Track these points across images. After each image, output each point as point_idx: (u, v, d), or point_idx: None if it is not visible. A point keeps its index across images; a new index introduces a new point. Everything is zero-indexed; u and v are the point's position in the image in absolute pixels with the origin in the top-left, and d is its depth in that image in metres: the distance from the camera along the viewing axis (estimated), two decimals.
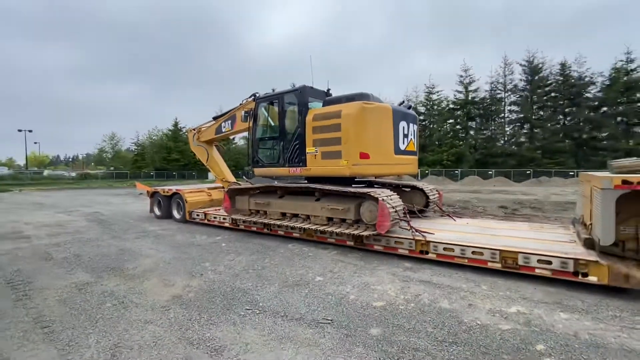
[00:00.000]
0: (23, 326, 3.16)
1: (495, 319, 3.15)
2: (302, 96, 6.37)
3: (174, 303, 3.65)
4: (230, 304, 3.60)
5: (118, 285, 4.21)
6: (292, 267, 4.88)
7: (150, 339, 2.89)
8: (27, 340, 2.91)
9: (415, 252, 5.05)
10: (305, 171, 6.30)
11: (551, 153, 37.39)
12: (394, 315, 3.26)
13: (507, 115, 43.02)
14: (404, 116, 6.22)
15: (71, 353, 2.69)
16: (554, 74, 40.05)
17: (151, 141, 59.06)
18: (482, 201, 13.28)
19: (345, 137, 5.59)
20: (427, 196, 7.07)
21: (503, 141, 42.64)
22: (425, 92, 46.69)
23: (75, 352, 2.70)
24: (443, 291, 3.86)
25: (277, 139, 6.90)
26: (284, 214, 6.62)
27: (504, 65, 42.35)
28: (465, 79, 43.60)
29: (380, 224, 5.04)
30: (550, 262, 3.97)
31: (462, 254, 4.60)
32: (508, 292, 3.81)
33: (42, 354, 2.70)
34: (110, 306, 3.58)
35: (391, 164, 5.99)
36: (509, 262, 4.27)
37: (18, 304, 3.67)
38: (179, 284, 4.24)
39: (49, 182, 37.53)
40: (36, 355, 2.68)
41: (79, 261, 5.36)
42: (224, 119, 8.67)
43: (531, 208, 11.51)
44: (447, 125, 45.49)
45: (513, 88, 42.13)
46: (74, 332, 3.02)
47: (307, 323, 3.14)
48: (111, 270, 4.87)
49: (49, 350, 2.75)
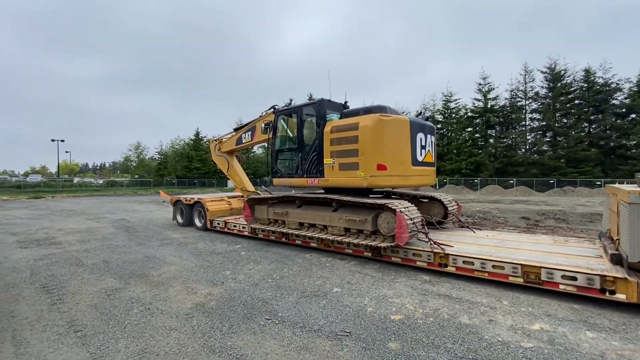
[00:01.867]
0: (58, 329, 3.36)
1: (517, 336, 3.10)
2: (320, 109, 6.50)
3: (197, 311, 3.78)
4: (251, 313, 3.69)
5: (144, 292, 4.39)
6: (310, 278, 4.94)
7: (175, 345, 3.01)
8: (62, 343, 3.09)
9: (433, 265, 5.02)
10: (322, 182, 6.39)
11: (576, 162, 36.02)
12: (413, 330, 3.25)
13: (529, 123, 41.88)
14: (421, 127, 6.24)
15: (102, 357, 2.84)
16: (578, 80, 38.84)
17: (174, 150, 60.85)
18: (503, 212, 12.95)
19: (362, 149, 5.66)
20: (446, 207, 7.00)
21: (524, 149, 41.46)
22: (442, 100, 46.22)
23: (106, 356, 2.84)
24: (463, 306, 3.82)
25: (295, 150, 7.05)
26: (302, 224, 6.71)
27: (525, 72, 41.44)
28: (484, 87, 42.91)
29: (399, 236, 5.05)
30: (576, 278, 3.87)
31: (483, 267, 4.53)
32: (530, 308, 3.73)
33: (75, 357, 2.86)
34: (137, 312, 3.75)
35: (409, 175, 6.00)
36: (531, 277, 4.18)
37: (53, 308, 3.90)
38: (201, 292, 4.38)
39: (79, 189, 39.23)
40: (70, 359, 2.84)
41: (108, 267, 5.61)
42: (244, 131, 8.92)
43: (555, 219, 11.14)
44: (465, 133, 44.70)
45: (534, 95, 41.09)
46: (104, 337, 3.18)
47: (326, 335, 3.18)
48: (137, 276, 5.07)
49: (81, 353, 2.91)
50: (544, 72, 40.29)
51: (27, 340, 3.13)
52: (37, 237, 8.51)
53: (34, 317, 3.64)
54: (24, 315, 3.70)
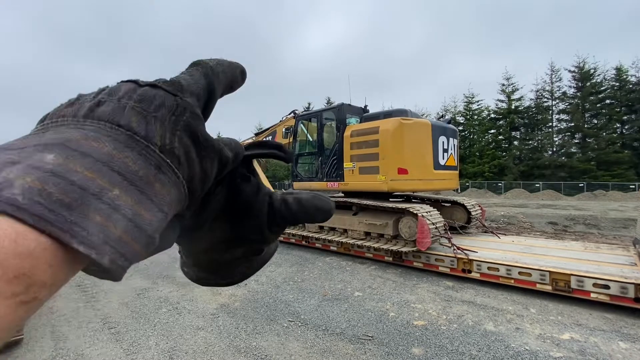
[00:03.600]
0: (93, 326, 3.55)
1: (546, 345, 3.01)
2: (340, 113, 6.56)
3: (222, 311, 3.89)
4: (274, 315, 3.76)
5: (171, 292, 4.56)
6: (331, 281, 4.97)
7: (203, 344, 3.11)
8: (97, 339, 3.26)
9: (457, 271, 4.93)
10: (342, 185, 6.42)
11: (607, 164, 34.28)
12: (436, 336, 3.22)
13: (556, 125, 40.31)
14: (443, 131, 6.17)
15: (135, 353, 2.98)
16: (609, 79, 37.07)
17: None
18: (529, 216, 12.52)
19: (383, 153, 5.66)
20: (469, 212, 6.85)
21: (551, 152, 39.91)
22: (464, 101, 45.27)
23: (138, 353, 2.98)
24: (488, 313, 3.75)
25: (315, 155, 7.13)
26: (322, 227, 6.76)
27: (551, 71, 39.97)
28: (508, 88, 41.71)
29: (421, 241, 5.00)
30: (608, 287, 3.71)
31: (508, 274, 4.42)
32: (560, 317, 3.61)
33: (110, 352, 3.02)
34: (166, 311, 3.90)
35: (430, 179, 5.94)
36: (560, 284, 4.04)
37: (88, 306, 4.11)
38: (225, 293, 4.49)
39: None
40: (105, 354, 3.00)
41: (136, 268, 5.84)
42: (265, 135, 9.09)
43: (585, 225, 10.67)
44: (488, 135, 43.53)
45: (561, 95, 39.53)
46: (136, 334, 3.33)
47: (348, 338, 3.21)
48: (164, 277, 5.27)
49: (116, 349, 3.06)
50: (571, 71, 38.73)
51: (65, 336, 3.33)
52: None
53: (70, 314, 3.86)
54: (62, 311, 3.93)
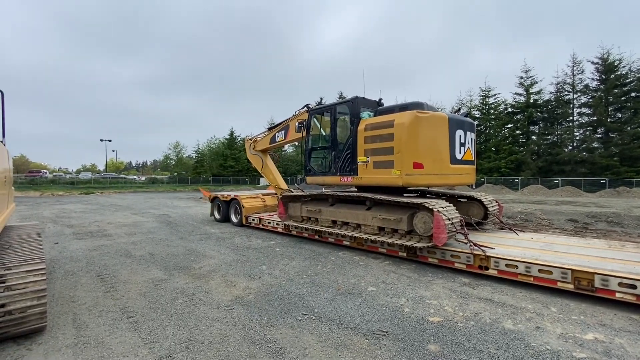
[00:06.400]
0: (112, 315, 3.63)
1: (568, 345, 2.92)
2: (354, 107, 6.47)
3: (237, 303, 3.92)
4: (288, 308, 3.77)
5: (187, 283, 4.63)
6: (344, 276, 4.95)
7: (218, 335, 3.15)
8: (116, 328, 3.34)
9: (473, 267, 4.83)
10: (356, 180, 6.36)
11: (632, 160, 32.92)
12: (452, 332, 3.16)
13: (577, 119, 38.87)
14: (460, 124, 6.01)
15: (153, 342, 3.03)
16: (634, 71, 35.39)
17: (210, 149, 63.19)
18: (548, 213, 12.17)
19: (397, 147, 5.57)
20: (486, 207, 6.70)
21: (571, 147, 38.58)
22: (480, 95, 44.16)
23: (156, 342, 3.04)
24: (506, 311, 3.66)
25: (329, 149, 7.07)
26: (335, 222, 6.73)
27: (573, 64, 38.45)
28: (526, 81, 40.43)
29: (436, 236, 4.91)
30: (635, 287, 3.56)
31: (527, 271, 4.30)
32: (582, 316, 3.49)
33: (129, 340, 3.09)
34: (182, 302, 3.96)
35: (447, 174, 5.82)
36: (583, 283, 3.90)
37: (107, 295, 4.22)
38: (240, 285, 4.53)
39: (124, 186, 42.09)
40: (124, 342, 3.06)
41: (153, 259, 5.97)
42: (278, 129, 9.09)
43: (608, 222, 10.30)
44: (505, 130, 42.41)
45: (583, 89, 38.03)
46: (153, 324, 3.40)
47: (363, 333, 3.18)
48: (180, 268, 5.36)
49: (134, 338, 3.13)
50: (595, 62, 37.17)
51: (86, 324, 3.42)
52: (91, 230, 9.23)
53: (91, 303, 3.96)
54: (83, 300, 4.04)
